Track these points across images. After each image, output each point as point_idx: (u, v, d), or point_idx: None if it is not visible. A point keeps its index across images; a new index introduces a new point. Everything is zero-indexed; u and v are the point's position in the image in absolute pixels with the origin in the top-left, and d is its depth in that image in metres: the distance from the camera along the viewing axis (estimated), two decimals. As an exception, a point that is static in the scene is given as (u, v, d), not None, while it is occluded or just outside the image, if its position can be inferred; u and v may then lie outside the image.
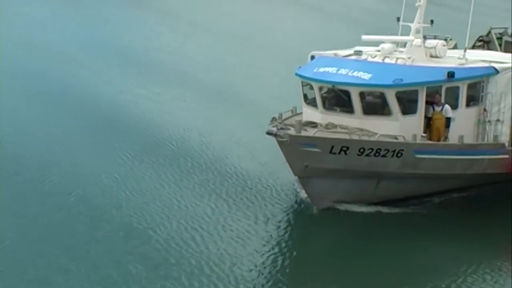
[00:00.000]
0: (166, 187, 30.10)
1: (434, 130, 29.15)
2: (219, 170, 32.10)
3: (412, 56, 29.91)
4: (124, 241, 25.42)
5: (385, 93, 28.00)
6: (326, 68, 29.06)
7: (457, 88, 29.46)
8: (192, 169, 32.19)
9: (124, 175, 31.17)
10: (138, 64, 51.74)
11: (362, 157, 27.24)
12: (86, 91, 43.91)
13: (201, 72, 50.58)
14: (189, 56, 55.56)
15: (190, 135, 36.80)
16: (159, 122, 38.66)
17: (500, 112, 30.26)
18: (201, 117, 40.06)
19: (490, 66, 30.32)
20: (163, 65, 52.04)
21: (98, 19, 67.34)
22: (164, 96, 44.37)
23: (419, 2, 30.95)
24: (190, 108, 42.03)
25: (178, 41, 61.00)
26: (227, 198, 29.33)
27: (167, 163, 32.68)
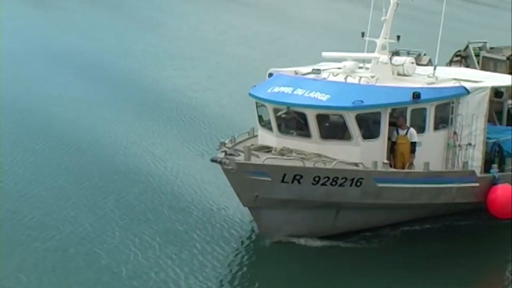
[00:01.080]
0: (108, 221, 27.43)
1: (398, 155, 26.68)
2: (164, 198, 29.35)
3: (377, 74, 27.47)
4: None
5: (344, 115, 25.55)
6: (282, 87, 26.59)
7: (423, 110, 27.00)
8: (135, 198, 29.45)
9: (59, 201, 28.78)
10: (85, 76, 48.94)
11: (318, 186, 24.77)
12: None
13: (154, 87, 47.04)
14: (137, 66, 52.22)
15: (136, 160, 33.58)
16: (102, 141, 35.98)
17: (471, 135, 27.78)
18: (147, 139, 36.68)
19: (460, 86, 27.86)
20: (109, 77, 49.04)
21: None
22: (105, 111, 41.16)
23: (385, 16, 28.49)
24: (135, 128, 38.54)
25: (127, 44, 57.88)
26: (174, 230, 26.69)
27: (109, 193, 29.88)
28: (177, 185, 30.55)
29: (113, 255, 24.81)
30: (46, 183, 30.57)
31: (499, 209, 26.82)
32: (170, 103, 43.06)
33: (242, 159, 24.32)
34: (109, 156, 33.99)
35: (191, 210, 28.23)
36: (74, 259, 24.41)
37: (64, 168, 32.27)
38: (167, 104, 42.74)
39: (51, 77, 47.89)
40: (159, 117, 40.33)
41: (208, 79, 49.54)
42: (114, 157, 33.78)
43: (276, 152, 25.94)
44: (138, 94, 45.00)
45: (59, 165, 32.63)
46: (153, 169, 32.42)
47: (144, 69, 51.49)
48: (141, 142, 35.99)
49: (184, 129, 38.62)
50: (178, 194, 29.67)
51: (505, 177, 27.74)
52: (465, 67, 37.50)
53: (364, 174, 25.06)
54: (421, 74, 29.17)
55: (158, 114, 40.90)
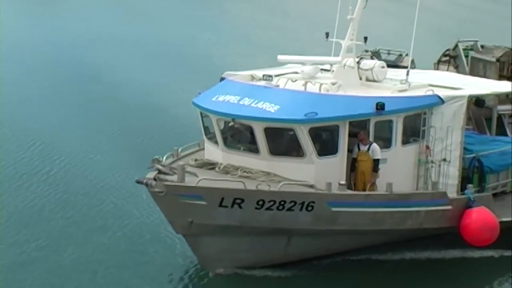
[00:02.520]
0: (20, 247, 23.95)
1: (359, 175, 23.33)
2: (90, 221, 25.71)
3: (339, 81, 24.07)
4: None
5: (295, 129, 22.22)
6: (228, 96, 23.28)
7: (389, 122, 23.61)
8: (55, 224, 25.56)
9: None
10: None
11: (262, 211, 21.49)
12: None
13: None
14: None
15: (61, 176, 29.46)
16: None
17: (446, 150, 24.41)
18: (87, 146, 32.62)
19: (434, 95, 24.42)
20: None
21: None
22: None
23: (351, 15, 25.07)
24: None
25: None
26: (98, 262, 23.16)
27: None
28: (109, 204, 27.02)
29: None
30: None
31: (474, 236, 23.43)
32: (124, 104, 38.94)
33: (176, 180, 21.15)
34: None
35: (121, 236, 24.78)
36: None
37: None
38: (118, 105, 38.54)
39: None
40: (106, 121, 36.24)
41: (169, 78, 44.74)
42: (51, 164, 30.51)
43: (220, 169, 22.74)
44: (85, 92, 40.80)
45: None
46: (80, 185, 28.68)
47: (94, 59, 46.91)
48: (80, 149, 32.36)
49: (130, 137, 34.33)
50: (109, 215, 26.14)
51: (482, 198, 24.34)
52: (454, 67, 34.19)
53: (316, 197, 21.75)
54: (394, 80, 25.81)
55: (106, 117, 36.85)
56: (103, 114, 37.20)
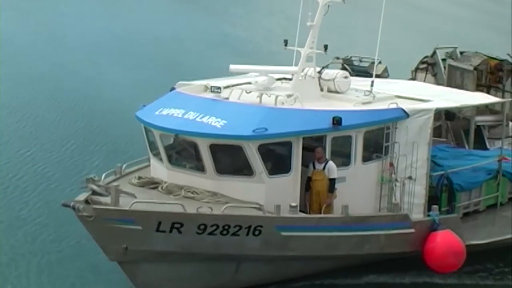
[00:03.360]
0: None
1: (314, 195, 21.39)
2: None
3: (299, 92, 22.16)
4: None
5: (243, 146, 20.30)
6: (172, 109, 21.31)
7: (348, 138, 21.69)
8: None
9: None
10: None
11: (205, 236, 19.53)
12: None
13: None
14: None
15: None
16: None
17: (411, 167, 22.45)
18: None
19: (398, 108, 22.45)
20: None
21: None
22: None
23: (311, 22, 23.12)
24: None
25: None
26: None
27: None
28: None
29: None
30: None
31: (437, 261, 21.46)
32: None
33: (109, 203, 19.22)
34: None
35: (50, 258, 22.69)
36: None
37: None
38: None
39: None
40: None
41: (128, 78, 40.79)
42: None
43: (163, 189, 20.83)
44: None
45: None
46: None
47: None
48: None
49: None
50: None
51: (448, 220, 22.36)
52: (432, 75, 32.19)
53: (263, 220, 19.79)
54: (359, 91, 23.86)
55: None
56: (53, 118, 34.04)
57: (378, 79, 27.14)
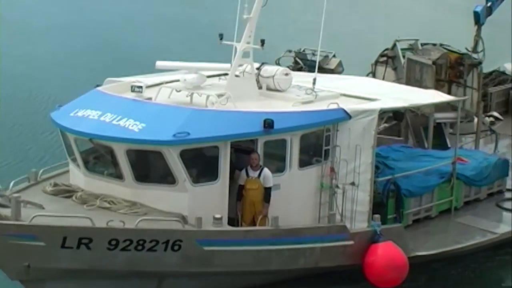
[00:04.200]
0: None
1: (247, 205, 19.32)
2: None
3: (233, 91, 20.09)
4: None
5: (163, 152, 18.22)
6: (88, 111, 19.15)
7: (282, 141, 19.62)
8: None
9: None
10: None
11: (117, 252, 17.43)
12: None
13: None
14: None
15: None
16: None
17: (354, 172, 20.42)
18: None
19: (339, 109, 20.36)
20: None
21: None
22: None
23: (248, 14, 20.99)
24: None
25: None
26: None
27: None
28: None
29: None
30: None
31: (377, 276, 19.43)
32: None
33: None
34: None
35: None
36: None
37: None
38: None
39: None
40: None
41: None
42: None
43: (77, 198, 18.75)
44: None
45: None
46: None
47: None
48: None
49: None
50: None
51: (391, 231, 20.32)
52: (393, 69, 30.24)
53: (183, 234, 17.70)
54: (302, 88, 21.77)
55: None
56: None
57: (327, 75, 25.27)
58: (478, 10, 25.27)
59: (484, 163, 24.46)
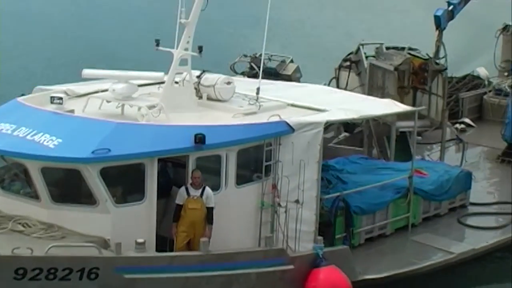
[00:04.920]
0: None
1: (187, 227, 17.50)
2: None
3: (169, 101, 18.33)
4: None
5: (81, 170, 16.44)
6: (2, 124, 17.30)
7: (217, 157, 17.83)
8: None
9: None
10: None
11: (26, 282, 15.55)
12: None
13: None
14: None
15: None
16: None
17: (299, 189, 18.62)
18: None
19: (281, 121, 18.55)
20: None
21: None
22: None
23: (185, 19, 19.18)
24: None
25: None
26: None
27: None
28: None
29: None
30: None
31: (320, 303, 17.66)
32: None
33: None
34: None
35: None
36: None
37: None
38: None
39: None
40: None
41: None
42: None
43: (-9, 220, 16.95)
44: None
45: None
46: None
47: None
48: None
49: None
50: None
51: (335, 254, 18.48)
52: (356, 74, 28.36)
53: (100, 262, 15.89)
54: (247, 97, 19.95)
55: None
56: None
57: (281, 83, 23.51)
58: (439, 14, 23.39)
59: (445, 176, 22.68)
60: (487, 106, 31.80)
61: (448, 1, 23.55)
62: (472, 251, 20.71)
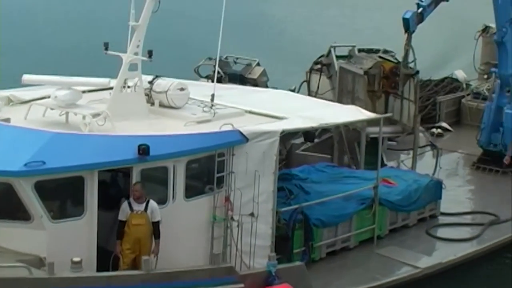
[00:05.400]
0: None
1: (132, 244, 16.29)
2: None
3: (116, 109, 17.15)
4: None
5: (13, 184, 15.25)
6: None
7: (163, 169, 16.65)
8: None
9: None
10: None
11: None
12: None
13: None
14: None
15: None
16: None
17: (254, 202, 17.45)
18: None
19: (233, 131, 17.36)
20: None
21: None
22: None
23: (135, 22, 17.96)
24: None
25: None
26: None
27: None
28: None
29: None
30: None
31: (270, 326, 16.48)
32: None
33: None
34: None
35: None
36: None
37: None
38: None
39: None
40: None
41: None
42: None
43: None
44: None
45: None
46: None
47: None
48: None
49: None
50: None
51: (290, 271, 17.26)
52: (328, 77, 27.24)
53: (30, 283, 14.70)
54: (202, 105, 18.73)
55: None
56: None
57: (242, 88, 22.44)
58: (408, 16, 22.16)
59: (414, 185, 21.52)
60: (465, 110, 30.72)
61: (418, 2, 22.30)
62: (438, 265, 19.56)
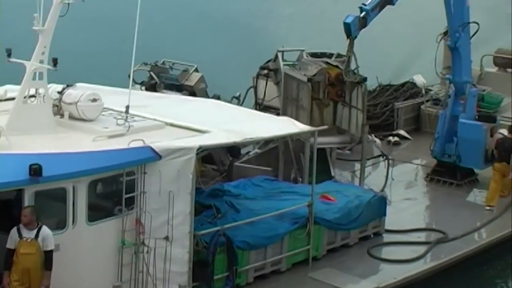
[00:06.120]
0: None
1: (20, 275, 14.38)
2: None
3: (17, 121, 15.48)
4: None
5: None
6: None
7: (62, 191, 14.88)
8: None
9: None
10: None
11: None
12: None
13: None
14: None
15: None
16: None
17: (168, 225, 15.72)
18: None
19: (144, 147, 15.59)
20: None
21: None
22: None
23: (40, 26, 16.19)
24: None
25: None
26: None
27: None
28: None
29: None
30: None
31: None
32: None
33: None
34: None
35: None
36: None
37: None
38: None
39: None
40: None
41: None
42: None
43: None
44: None
45: None
46: None
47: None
48: None
49: None
50: None
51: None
52: (275, 83, 25.49)
53: None
54: (118, 117, 16.95)
55: None
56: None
57: (169, 96, 20.77)
58: (349, 21, 20.40)
59: (355, 201, 19.81)
60: (424, 117, 29.12)
61: (361, 6, 20.56)
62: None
